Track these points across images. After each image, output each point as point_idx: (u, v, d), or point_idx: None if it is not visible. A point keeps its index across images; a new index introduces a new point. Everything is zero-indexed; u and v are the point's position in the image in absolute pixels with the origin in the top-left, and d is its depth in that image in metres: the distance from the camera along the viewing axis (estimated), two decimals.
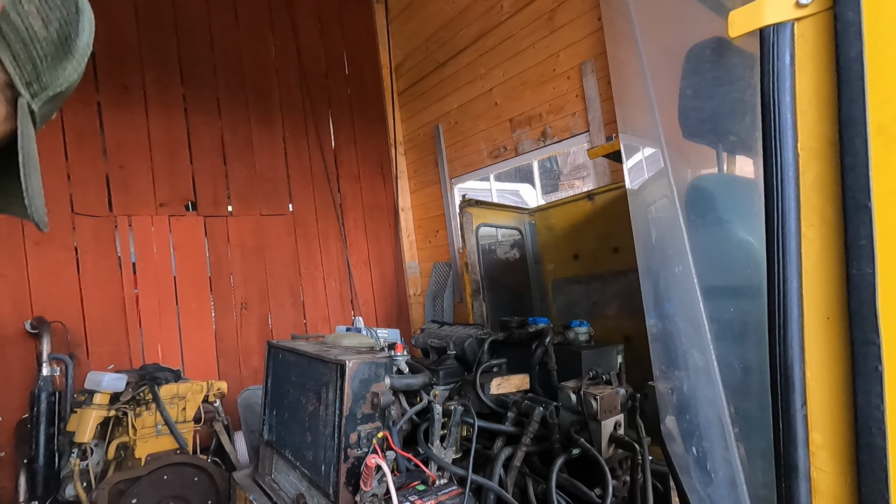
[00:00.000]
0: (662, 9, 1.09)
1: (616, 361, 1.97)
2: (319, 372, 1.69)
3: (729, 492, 0.81)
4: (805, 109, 0.63)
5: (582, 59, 3.28)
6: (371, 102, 5.08)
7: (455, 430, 1.56)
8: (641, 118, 1.17)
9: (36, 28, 0.48)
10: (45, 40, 0.50)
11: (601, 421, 1.49)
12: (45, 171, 3.24)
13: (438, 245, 4.86)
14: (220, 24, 4.16)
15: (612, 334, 2.47)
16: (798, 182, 0.63)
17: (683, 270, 0.87)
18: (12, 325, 3.10)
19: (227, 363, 3.95)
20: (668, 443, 1.31)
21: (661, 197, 1.05)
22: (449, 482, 1.48)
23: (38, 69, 0.50)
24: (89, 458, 2.87)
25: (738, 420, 0.79)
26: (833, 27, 0.59)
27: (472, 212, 2.79)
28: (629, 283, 2.44)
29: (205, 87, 4.01)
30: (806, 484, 0.65)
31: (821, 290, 0.63)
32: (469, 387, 1.75)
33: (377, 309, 4.90)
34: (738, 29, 0.67)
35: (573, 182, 9.81)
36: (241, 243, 4.11)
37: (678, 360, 1.06)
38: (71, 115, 3.43)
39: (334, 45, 4.87)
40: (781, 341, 0.65)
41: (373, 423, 1.57)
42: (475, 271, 2.76)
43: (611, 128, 3.14)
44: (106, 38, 3.61)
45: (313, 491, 1.64)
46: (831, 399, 0.63)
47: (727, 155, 1.03)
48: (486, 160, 4.22)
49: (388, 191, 5.09)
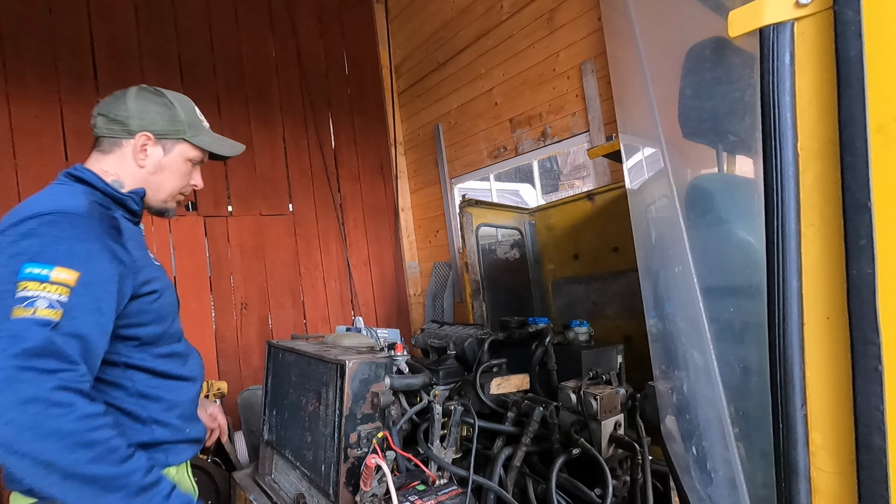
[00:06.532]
0: (662, 9, 1.09)
1: (616, 361, 1.97)
2: (319, 372, 1.69)
3: (729, 492, 0.81)
4: (805, 109, 0.63)
5: (582, 58, 3.28)
6: (371, 102, 5.08)
7: (455, 430, 1.56)
8: (641, 118, 1.17)
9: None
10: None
11: (601, 421, 1.49)
12: (44, 170, 3.26)
13: (438, 245, 4.86)
14: (220, 24, 4.16)
15: (612, 334, 2.47)
16: (798, 182, 0.63)
17: (683, 270, 0.87)
18: None
19: (227, 363, 3.95)
20: (668, 443, 1.31)
21: (661, 197, 1.05)
22: (449, 482, 1.48)
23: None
24: None
25: (738, 420, 0.79)
26: (833, 27, 0.59)
27: (472, 212, 2.79)
28: (629, 283, 2.44)
29: (205, 87, 4.01)
30: (806, 484, 0.65)
31: (821, 290, 0.63)
32: (469, 387, 1.75)
33: (377, 309, 4.90)
34: (737, 28, 0.67)
35: (573, 182, 9.81)
36: (241, 243, 4.11)
37: (678, 360, 1.06)
38: (71, 114, 3.43)
39: (334, 45, 4.86)
40: (781, 341, 0.65)
41: (373, 423, 1.57)
42: (475, 271, 2.76)
43: (611, 128, 3.14)
44: (106, 38, 3.61)
45: (313, 491, 1.64)
46: (831, 399, 0.63)
47: (727, 155, 1.03)
48: (486, 160, 4.22)
49: (388, 191, 5.09)
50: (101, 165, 1.26)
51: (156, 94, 1.30)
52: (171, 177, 1.33)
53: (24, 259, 0.96)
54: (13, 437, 0.86)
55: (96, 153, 1.27)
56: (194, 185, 1.41)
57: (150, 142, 1.28)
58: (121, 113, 1.25)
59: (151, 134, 1.27)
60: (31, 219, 1.01)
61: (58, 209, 1.05)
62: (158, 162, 1.30)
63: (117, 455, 0.96)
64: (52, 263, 0.97)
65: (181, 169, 1.35)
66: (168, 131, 1.29)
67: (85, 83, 3.51)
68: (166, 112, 1.29)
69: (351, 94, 4.94)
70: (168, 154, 1.31)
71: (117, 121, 1.25)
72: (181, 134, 1.31)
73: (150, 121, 1.27)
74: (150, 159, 1.29)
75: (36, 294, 0.94)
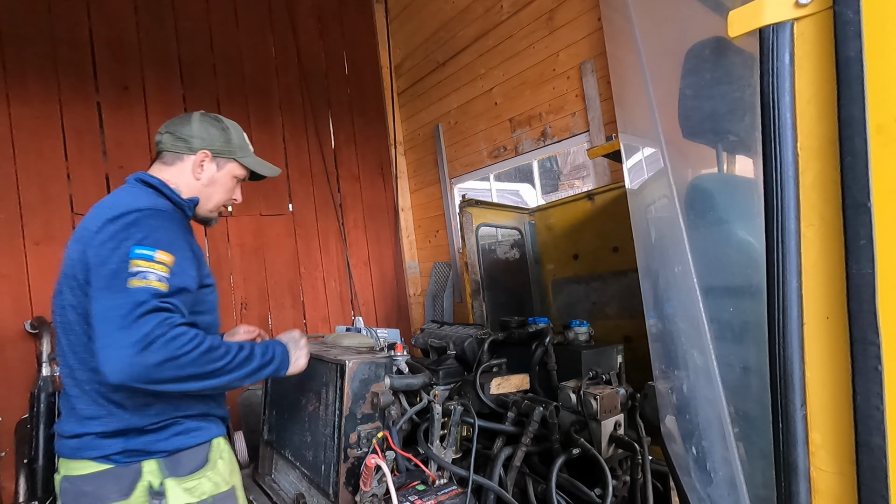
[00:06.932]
0: (662, 8, 1.09)
1: (616, 361, 1.97)
2: (319, 372, 1.69)
3: (729, 492, 0.81)
4: (804, 109, 0.63)
5: (582, 59, 3.28)
6: (371, 102, 5.07)
7: (455, 429, 1.56)
8: (641, 118, 1.17)
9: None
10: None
11: (601, 421, 1.49)
12: (44, 170, 3.26)
13: (438, 245, 4.86)
14: (220, 24, 4.16)
15: (612, 334, 2.47)
16: (798, 182, 0.63)
17: (683, 270, 0.87)
18: (12, 325, 3.10)
19: None
20: (668, 443, 1.31)
21: (661, 197, 1.05)
22: (449, 482, 1.48)
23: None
24: None
25: (738, 420, 0.79)
26: (833, 27, 0.59)
27: (472, 212, 2.79)
28: (629, 283, 2.44)
29: (205, 87, 4.01)
30: (806, 484, 0.65)
31: (820, 290, 0.63)
32: (469, 387, 1.75)
33: (377, 309, 4.90)
34: (737, 28, 0.67)
35: (573, 182, 9.81)
36: (241, 243, 4.11)
37: (678, 360, 1.06)
38: (71, 114, 3.43)
39: (334, 45, 4.86)
40: (781, 341, 0.65)
41: (373, 423, 1.57)
42: (475, 271, 2.76)
43: (611, 128, 3.13)
44: (106, 38, 3.61)
45: (313, 491, 1.64)
46: (831, 399, 0.63)
47: (727, 155, 1.03)
48: (486, 160, 4.22)
49: (388, 191, 5.09)
50: (164, 175, 1.47)
51: (215, 120, 1.55)
52: (219, 190, 1.57)
53: (131, 243, 1.20)
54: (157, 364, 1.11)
55: (159, 164, 1.50)
56: (235, 199, 1.66)
57: (207, 159, 1.51)
58: (185, 133, 1.48)
59: (210, 152, 1.51)
60: (133, 212, 1.26)
61: (151, 206, 1.31)
62: (212, 176, 1.53)
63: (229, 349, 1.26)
64: (154, 247, 1.21)
65: (228, 184, 1.59)
66: (222, 151, 1.53)
67: (85, 83, 3.50)
68: (223, 135, 1.54)
69: (351, 94, 4.94)
70: (220, 171, 1.55)
71: (182, 139, 1.48)
72: (233, 154, 1.56)
73: (210, 141, 1.51)
74: (206, 173, 1.52)
75: (147, 269, 1.18)
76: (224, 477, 1.37)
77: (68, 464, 1.28)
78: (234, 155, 1.56)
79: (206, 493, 1.31)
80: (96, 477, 1.25)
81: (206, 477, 1.32)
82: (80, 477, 1.26)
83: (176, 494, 1.26)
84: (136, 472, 1.26)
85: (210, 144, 1.50)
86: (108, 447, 1.26)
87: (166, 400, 1.30)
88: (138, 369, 1.10)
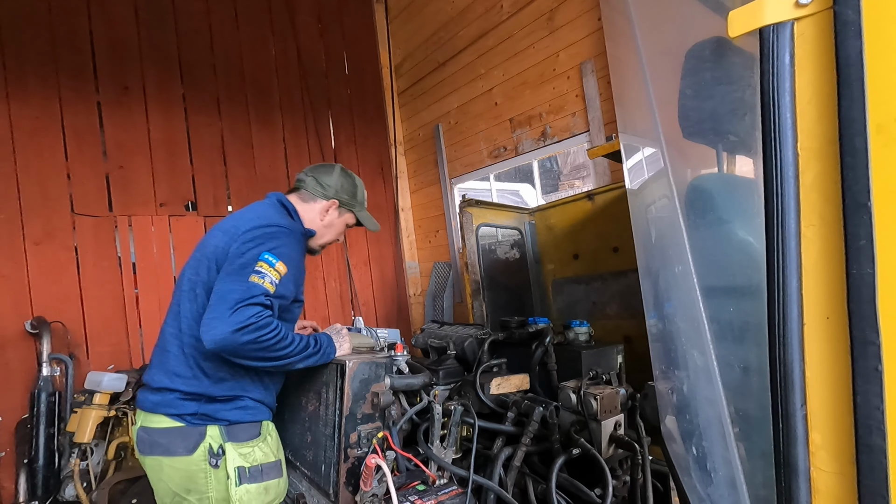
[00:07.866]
0: (662, 9, 1.09)
1: (616, 361, 1.97)
2: (319, 372, 1.69)
3: (729, 492, 0.81)
4: (805, 109, 0.63)
5: (582, 59, 3.28)
6: (371, 102, 5.07)
7: (455, 430, 1.56)
8: (641, 118, 1.17)
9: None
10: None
11: (601, 421, 1.49)
12: (44, 170, 3.26)
13: (438, 245, 4.86)
14: (220, 24, 4.16)
15: (612, 334, 2.47)
16: (798, 182, 0.63)
17: (683, 270, 0.87)
18: (12, 325, 3.10)
19: None
20: (668, 443, 1.31)
21: (661, 197, 1.05)
22: (449, 482, 1.48)
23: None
24: (89, 459, 2.87)
25: (738, 420, 0.79)
26: (833, 27, 0.59)
27: (472, 212, 2.79)
28: (629, 283, 2.44)
29: (205, 87, 4.01)
30: (806, 484, 0.65)
31: (821, 290, 0.63)
32: (469, 387, 1.75)
33: (377, 309, 4.90)
34: (737, 29, 0.67)
35: (573, 182, 9.80)
36: None
37: (678, 360, 1.06)
38: (71, 115, 3.43)
39: (334, 45, 4.86)
40: (781, 341, 0.65)
41: (373, 423, 1.57)
42: (475, 271, 2.76)
43: (611, 128, 3.14)
44: (106, 38, 3.61)
45: (313, 491, 1.64)
46: (831, 399, 0.63)
47: (727, 155, 1.03)
48: (486, 160, 4.22)
49: (388, 191, 5.09)
50: (298, 206, 1.81)
51: (350, 176, 1.89)
52: (332, 231, 1.90)
53: (265, 248, 1.50)
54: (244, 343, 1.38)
55: (297, 196, 1.84)
56: (339, 240, 2.00)
57: (334, 206, 1.85)
58: (326, 181, 1.83)
59: (338, 202, 1.85)
60: (275, 226, 1.57)
61: (288, 226, 1.63)
62: (332, 221, 1.87)
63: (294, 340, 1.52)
64: (279, 258, 1.50)
65: (340, 229, 1.92)
66: (348, 203, 1.88)
67: (85, 83, 3.50)
68: (353, 191, 1.88)
69: (351, 94, 4.94)
70: (339, 217, 1.89)
71: (322, 186, 1.82)
72: (353, 207, 1.90)
73: (341, 193, 1.85)
74: (329, 217, 1.86)
75: (267, 272, 1.46)
76: (273, 450, 1.60)
77: (147, 416, 1.54)
78: (353, 208, 1.89)
79: (256, 461, 1.54)
80: (169, 432, 1.50)
81: (258, 447, 1.56)
82: (156, 429, 1.51)
83: (233, 457, 1.50)
84: (201, 433, 1.50)
85: (341, 196, 1.84)
86: (184, 407, 1.51)
87: (237, 379, 1.55)
88: (230, 343, 1.36)
